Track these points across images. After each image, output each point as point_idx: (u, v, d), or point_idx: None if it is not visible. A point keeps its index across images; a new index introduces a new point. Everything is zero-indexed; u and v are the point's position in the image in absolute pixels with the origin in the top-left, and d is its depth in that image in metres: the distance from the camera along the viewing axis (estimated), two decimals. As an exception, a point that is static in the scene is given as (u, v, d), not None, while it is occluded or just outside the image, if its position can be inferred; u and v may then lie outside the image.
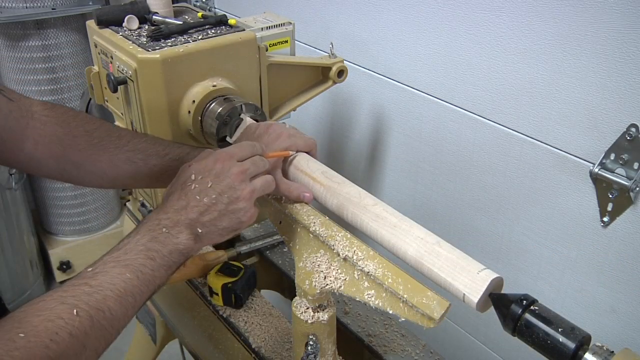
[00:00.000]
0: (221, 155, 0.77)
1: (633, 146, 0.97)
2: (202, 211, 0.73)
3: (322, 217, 0.83)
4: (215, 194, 0.74)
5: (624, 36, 0.94)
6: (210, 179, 0.75)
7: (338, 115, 1.63)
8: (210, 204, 0.74)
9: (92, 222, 2.51)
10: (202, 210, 0.73)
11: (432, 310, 0.67)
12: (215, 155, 0.78)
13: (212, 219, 0.74)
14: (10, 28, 2.03)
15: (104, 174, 0.89)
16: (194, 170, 0.76)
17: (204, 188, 0.74)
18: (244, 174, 0.76)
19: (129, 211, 1.41)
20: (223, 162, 0.76)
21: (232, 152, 0.78)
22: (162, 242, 0.71)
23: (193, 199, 0.74)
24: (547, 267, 1.20)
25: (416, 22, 1.29)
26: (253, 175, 0.78)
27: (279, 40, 1.21)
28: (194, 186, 0.74)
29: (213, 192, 0.74)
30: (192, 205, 0.73)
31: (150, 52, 1.01)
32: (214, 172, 0.75)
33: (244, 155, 0.79)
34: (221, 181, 0.75)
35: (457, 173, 1.33)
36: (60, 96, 2.19)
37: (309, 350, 0.84)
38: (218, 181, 0.75)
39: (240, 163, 0.77)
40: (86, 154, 0.88)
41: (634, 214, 1.01)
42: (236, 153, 0.78)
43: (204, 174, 0.75)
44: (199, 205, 0.73)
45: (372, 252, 0.76)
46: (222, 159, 0.77)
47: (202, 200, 0.74)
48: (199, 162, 0.77)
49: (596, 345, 0.61)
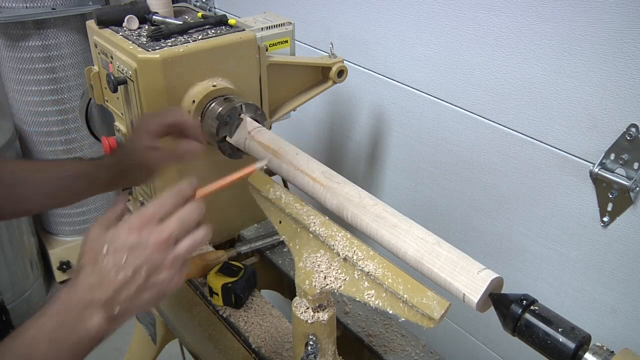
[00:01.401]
0: (137, 221, 0.67)
1: (633, 146, 0.97)
2: (118, 289, 0.64)
3: (322, 217, 0.83)
4: (131, 269, 0.65)
5: (624, 36, 0.94)
6: (125, 252, 0.65)
7: (338, 115, 1.63)
8: (126, 280, 0.65)
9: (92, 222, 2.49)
10: (117, 287, 0.64)
11: (432, 310, 0.67)
12: (130, 222, 0.67)
13: (130, 296, 0.65)
14: (10, 28, 2.03)
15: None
16: (107, 241, 0.66)
17: (119, 263, 0.65)
18: (165, 243, 0.67)
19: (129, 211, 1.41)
20: (139, 232, 0.66)
21: (150, 213, 0.68)
22: (71, 328, 0.63)
23: (107, 276, 0.64)
24: (547, 267, 1.20)
25: (416, 22, 1.29)
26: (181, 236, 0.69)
27: (279, 40, 1.21)
28: (106, 260, 0.65)
29: (129, 267, 0.65)
30: (106, 283, 0.64)
31: (150, 52, 1.01)
32: (129, 244, 0.66)
33: (166, 211, 0.68)
34: (138, 255, 0.65)
35: (457, 173, 1.33)
36: (60, 96, 2.19)
37: (309, 350, 0.84)
38: (134, 255, 0.65)
39: (161, 228, 0.67)
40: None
41: (634, 214, 1.01)
42: (156, 214, 0.68)
43: (117, 246, 0.66)
44: (115, 282, 0.64)
45: (372, 252, 0.76)
46: (137, 226, 0.66)
47: (117, 277, 0.64)
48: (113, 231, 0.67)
49: (596, 345, 0.61)
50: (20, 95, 2.19)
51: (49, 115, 2.22)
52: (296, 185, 0.90)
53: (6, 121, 2.24)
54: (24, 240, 2.34)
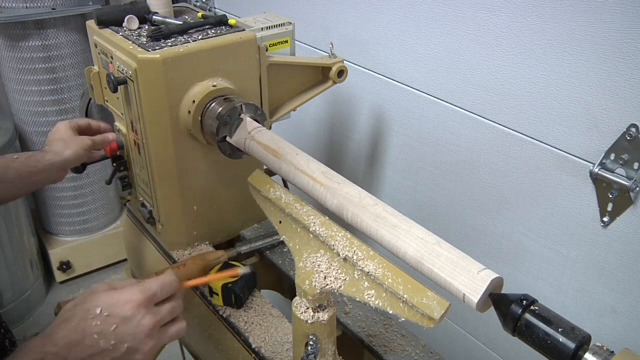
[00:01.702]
0: (137, 296, 0.68)
1: (633, 146, 0.97)
2: (94, 354, 0.65)
3: (322, 217, 0.83)
4: (115, 340, 0.66)
5: (624, 36, 0.94)
6: (117, 321, 0.67)
7: (338, 115, 1.63)
8: (106, 348, 0.66)
9: (92, 222, 2.51)
10: (94, 353, 0.65)
11: (432, 310, 0.67)
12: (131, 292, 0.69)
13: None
14: (10, 28, 2.03)
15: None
16: (102, 303, 0.67)
17: (106, 330, 0.66)
18: (155, 328, 0.69)
19: (129, 211, 1.41)
20: (137, 308, 0.68)
21: (152, 293, 0.70)
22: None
23: (90, 338, 0.65)
24: (547, 267, 1.20)
25: (416, 22, 1.29)
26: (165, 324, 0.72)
27: (279, 40, 1.21)
28: (95, 323, 0.66)
29: (114, 337, 0.66)
30: (86, 344, 0.65)
31: (150, 52, 1.01)
32: (123, 314, 0.67)
33: (163, 296, 0.72)
34: (127, 329, 0.67)
35: (457, 173, 1.33)
36: (60, 96, 2.19)
37: (309, 350, 0.84)
38: (124, 328, 0.67)
39: (155, 312, 0.70)
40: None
41: (634, 214, 1.01)
42: (156, 295, 0.70)
43: (111, 312, 0.67)
44: (94, 346, 0.65)
45: (372, 252, 0.76)
46: (137, 301, 0.68)
47: (98, 342, 0.65)
48: (111, 294, 0.69)
49: (596, 345, 0.61)
50: (20, 95, 2.19)
51: (49, 115, 2.22)
52: (296, 185, 0.90)
53: (6, 121, 2.24)
54: (24, 240, 2.34)
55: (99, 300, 0.68)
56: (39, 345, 0.64)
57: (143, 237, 1.33)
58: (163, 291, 0.72)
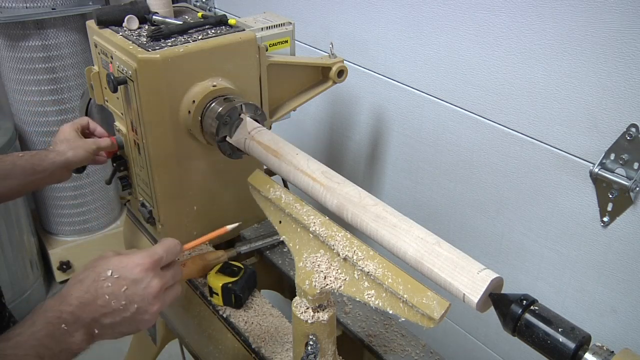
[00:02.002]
0: (145, 260, 0.72)
1: (633, 146, 0.97)
2: (106, 313, 0.69)
3: (322, 217, 0.83)
4: (126, 301, 0.70)
5: (624, 36, 0.94)
6: (127, 283, 0.70)
7: (338, 115, 1.63)
8: (117, 308, 0.69)
9: (92, 222, 2.51)
10: (106, 312, 0.69)
11: (432, 310, 0.67)
12: (141, 256, 0.73)
13: (112, 323, 0.70)
14: (10, 28, 2.03)
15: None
16: (112, 266, 0.71)
17: (117, 291, 0.69)
18: (161, 290, 0.73)
19: (129, 211, 1.41)
20: (146, 271, 0.72)
21: (159, 257, 0.74)
22: (57, 340, 0.66)
23: (101, 298, 0.69)
24: (547, 267, 1.20)
25: (416, 22, 1.29)
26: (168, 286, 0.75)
27: (279, 40, 1.21)
28: (107, 284, 0.69)
29: (124, 298, 0.70)
30: (98, 304, 0.69)
31: (150, 52, 1.01)
32: (133, 277, 0.71)
33: (168, 260, 0.76)
34: (137, 291, 0.71)
35: (457, 173, 1.33)
36: (60, 96, 2.19)
37: (309, 350, 0.84)
38: (134, 289, 0.71)
39: (162, 275, 0.74)
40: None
41: (634, 214, 1.01)
42: (162, 258, 0.74)
43: (121, 274, 0.70)
44: (106, 307, 0.69)
45: (372, 252, 0.76)
46: (146, 264, 0.72)
47: (110, 303, 0.69)
48: (121, 258, 0.72)
49: (596, 345, 0.61)
50: (20, 95, 2.19)
51: (49, 115, 2.22)
52: (296, 185, 0.90)
53: (6, 121, 2.24)
54: (24, 240, 2.34)
55: (109, 263, 0.71)
56: (55, 305, 0.68)
57: (143, 237, 1.34)
58: (168, 255, 0.75)
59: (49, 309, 0.67)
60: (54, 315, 0.66)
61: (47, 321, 0.66)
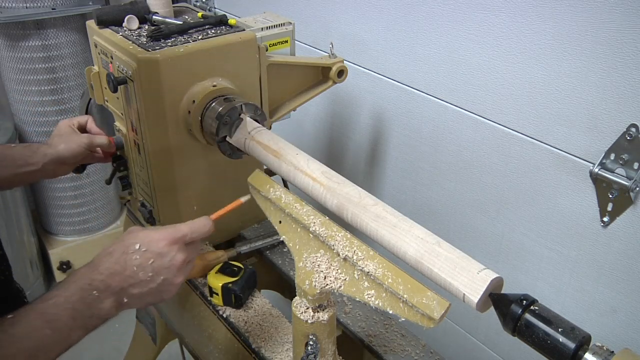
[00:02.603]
0: (171, 235, 0.77)
1: (633, 146, 0.97)
2: (134, 284, 0.74)
3: (322, 217, 0.83)
4: (152, 273, 0.75)
5: (624, 36, 0.94)
6: (153, 256, 0.75)
7: (338, 115, 1.63)
8: (144, 279, 0.74)
9: (92, 222, 2.51)
10: (134, 282, 0.74)
11: (432, 310, 0.67)
12: (167, 231, 0.77)
13: (140, 293, 0.75)
14: (10, 28, 2.03)
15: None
16: (140, 240, 0.76)
17: (144, 263, 0.74)
18: (185, 263, 0.78)
19: (129, 211, 1.41)
20: (171, 245, 0.76)
21: (183, 233, 0.78)
22: (89, 305, 0.70)
23: (130, 269, 0.74)
24: (547, 267, 1.20)
25: (416, 22, 1.29)
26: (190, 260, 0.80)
27: (279, 40, 1.21)
28: (135, 257, 0.74)
29: (151, 270, 0.75)
30: (126, 275, 0.73)
31: (150, 52, 1.01)
32: (159, 251, 0.76)
33: (193, 238, 0.80)
34: (163, 264, 0.76)
35: (457, 173, 1.33)
36: (60, 96, 2.19)
37: (309, 350, 0.84)
38: (160, 262, 0.75)
39: (186, 250, 0.78)
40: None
41: (634, 214, 1.01)
42: (186, 235, 0.79)
43: (148, 248, 0.75)
44: (133, 277, 0.74)
45: (372, 252, 0.76)
46: (170, 239, 0.77)
47: (137, 274, 0.74)
48: (148, 232, 0.77)
49: (596, 345, 0.61)
50: (20, 95, 2.19)
51: (49, 115, 2.22)
52: (296, 185, 0.90)
53: (6, 121, 2.24)
54: (24, 240, 2.34)
55: (136, 237, 0.76)
56: (86, 273, 0.72)
57: (143, 237, 1.33)
58: (192, 233, 0.79)
59: (82, 277, 0.72)
60: (85, 282, 0.71)
61: (79, 287, 0.70)
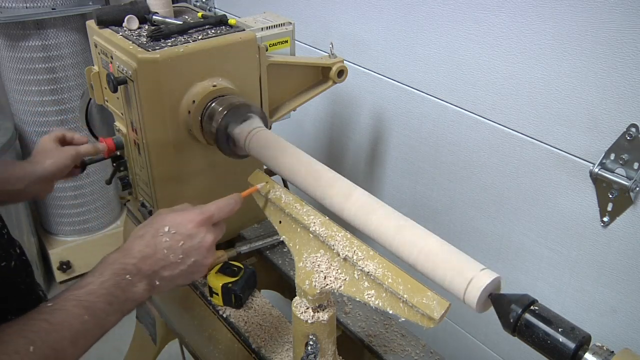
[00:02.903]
0: (199, 216, 0.78)
1: (633, 146, 0.97)
2: (165, 266, 0.75)
3: (322, 217, 0.83)
4: (183, 255, 0.76)
5: (624, 36, 0.94)
6: (183, 238, 0.76)
7: (338, 115, 1.63)
8: (175, 261, 0.75)
9: (92, 222, 2.51)
10: (165, 265, 0.75)
11: (432, 310, 0.67)
12: (195, 213, 0.78)
13: (171, 276, 0.76)
14: (10, 28, 2.03)
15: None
16: (169, 222, 0.76)
17: (175, 245, 0.75)
18: (214, 244, 0.79)
19: (129, 211, 1.41)
20: (199, 226, 0.77)
21: (210, 214, 0.79)
22: (123, 289, 0.71)
23: (160, 252, 0.75)
24: (547, 267, 1.20)
25: (416, 22, 1.29)
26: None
27: (279, 40, 1.21)
28: (165, 239, 0.75)
29: (181, 252, 0.76)
30: (157, 258, 0.74)
31: (150, 52, 1.01)
32: (188, 232, 0.76)
33: (220, 218, 0.81)
34: (193, 246, 0.77)
35: (457, 173, 1.33)
36: (60, 96, 2.19)
37: (309, 350, 0.84)
38: (190, 244, 0.76)
39: (214, 231, 0.80)
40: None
41: (634, 214, 1.01)
42: (213, 216, 0.80)
43: (178, 230, 0.76)
44: (164, 260, 0.75)
45: (372, 252, 0.76)
46: (199, 221, 0.77)
47: (168, 256, 0.75)
48: (176, 215, 0.78)
49: (596, 345, 0.61)
50: (20, 95, 2.19)
51: (49, 115, 2.22)
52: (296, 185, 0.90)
53: (6, 121, 2.24)
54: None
55: (165, 220, 0.77)
56: (119, 258, 0.73)
57: (143, 237, 1.33)
58: (219, 213, 0.81)
59: (114, 262, 0.72)
60: (119, 267, 0.72)
61: (113, 272, 0.71)
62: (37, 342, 0.62)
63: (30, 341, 0.61)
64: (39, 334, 0.62)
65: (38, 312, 0.65)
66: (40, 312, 0.65)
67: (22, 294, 0.77)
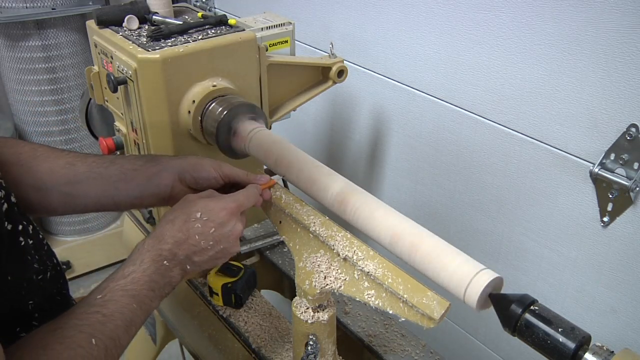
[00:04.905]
0: (230, 205, 0.79)
1: (633, 146, 0.97)
2: (196, 251, 0.76)
3: (322, 217, 0.83)
4: (213, 241, 0.77)
5: (624, 36, 0.94)
6: (214, 225, 0.77)
7: (338, 115, 1.63)
8: (205, 247, 0.77)
9: (92, 222, 2.51)
10: (196, 250, 0.76)
11: (432, 310, 0.67)
12: (226, 201, 0.79)
13: (201, 261, 0.77)
14: (10, 28, 2.03)
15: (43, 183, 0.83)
16: (200, 209, 0.77)
17: (206, 232, 0.76)
18: (241, 233, 0.81)
19: (129, 211, 1.41)
20: (231, 215, 0.78)
21: (241, 202, 0.80)
22: (162, 275, 0.74)
23: (192, 237, 0.76)
24: (547, 267, 1.20)
25: (416, 22, 1.29)
26: None
27: (279, 40, 1.21)
28: (197, 225, 0.76)
29: (212, 239, 0.77)
30: (190, 243, 0.76)
31: (150, 52, 1.01)
32: (220, 220, 0.77)
33: (247, 206, 0.82)
34: (223, 233, 0.78)
35: (457, 173, 1.33)
36: (60, 96, 2.19)
37: (309, 350, 0.84)
38: (221, 231, 0.77)
39: (242, 220, 0.81)
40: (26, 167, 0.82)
41: (634, 214, 1.01)
42: (243, 204, 0.81)
43: (209, 217, 0.77)
44: (196, 245, 0.76)
45: (372, 252, 0.76)
46: (230, 209, 0.79)
47: (199, 242, 0.76)
48: (207, 201, 0.79)
49: (596, 345, 0.61)
50: (20, 95, 2.19)
51: (49, 115, 2.22)
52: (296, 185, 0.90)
53: (6, 121, 2.24)
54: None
55: (197, 206, 0.78)
56: (154, 244, 0.75)
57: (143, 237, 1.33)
58: (247, 202, 0.82)
59: (151, 249, 0.74)
60: (156, 253, 0.74)
61: (152, 259, 0.73)
62: (97, 334, 0.64)
63: (89, 334, 0.63)
64: (95, 326, 0.65)
65: (88, 304, 0.67)
66: (90, 304, 0.67)
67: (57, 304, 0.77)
